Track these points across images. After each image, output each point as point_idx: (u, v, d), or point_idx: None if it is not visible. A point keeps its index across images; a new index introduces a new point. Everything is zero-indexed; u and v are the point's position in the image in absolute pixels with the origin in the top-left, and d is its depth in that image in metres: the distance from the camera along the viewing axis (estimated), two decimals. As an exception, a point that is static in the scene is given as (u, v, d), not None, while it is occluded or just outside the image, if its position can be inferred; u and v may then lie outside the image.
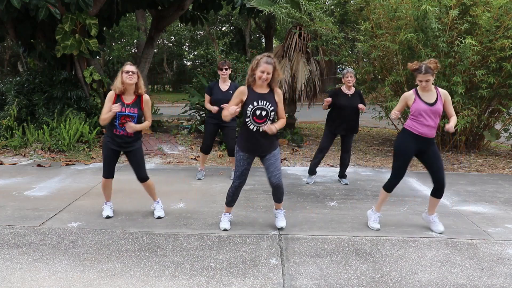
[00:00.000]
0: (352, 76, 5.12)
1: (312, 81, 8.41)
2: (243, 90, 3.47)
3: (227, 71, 5.30)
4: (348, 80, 5.11)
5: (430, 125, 3.60)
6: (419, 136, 3.64)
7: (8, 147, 7.43)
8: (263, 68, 3.34)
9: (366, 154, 7.51)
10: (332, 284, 2.87)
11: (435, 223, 3.84)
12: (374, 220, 3.89)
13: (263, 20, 22.58)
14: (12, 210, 4.29)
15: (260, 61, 3.36)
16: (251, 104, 3.40)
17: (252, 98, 3.42)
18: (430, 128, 3.61)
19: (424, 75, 3.49)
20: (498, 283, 2.92)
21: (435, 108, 3.57)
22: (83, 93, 8.54)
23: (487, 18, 6.25)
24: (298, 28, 8.59)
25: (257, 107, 3.40)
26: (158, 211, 4.14)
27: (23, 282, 2.85)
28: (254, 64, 3.40)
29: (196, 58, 29.78)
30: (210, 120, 5.42)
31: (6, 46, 21.68)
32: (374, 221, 3.88)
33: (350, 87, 5.19)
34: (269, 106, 3.41)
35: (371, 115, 8.28)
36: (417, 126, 3.63)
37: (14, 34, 8.57)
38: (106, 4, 8.48)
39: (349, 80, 5.11)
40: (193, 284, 2.86)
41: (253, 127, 3.45)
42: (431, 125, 3.60)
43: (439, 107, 3.59)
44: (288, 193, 4.94)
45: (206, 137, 5.50)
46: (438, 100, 3.60)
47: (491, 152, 7.77)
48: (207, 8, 10.49)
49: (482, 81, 6.51)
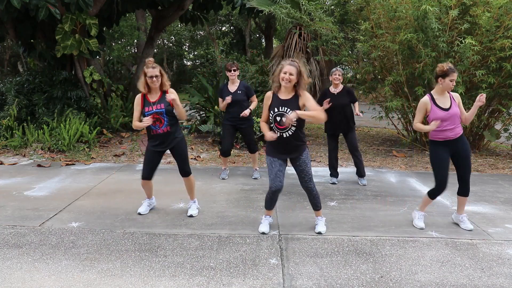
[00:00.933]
0: (339, 75, 5.13)
1: (312, 81, 8.41)
2: (269, 96, 3.50)
3: (235, 72, 5.35)
4: (334, 78, 5.13)
5: (451, 128, 3.66)
6: (446, 141, 3.70)
7: (8, 147, 7.43)
8: (285, 69, 3.33)
9: (366, 154, 7.51)
10: (332, 284, 2.87)
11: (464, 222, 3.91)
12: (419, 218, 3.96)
13: (263, 20, 22.57)
14: (12, 210, 4.29)
15: (284, 63, 3.37)
16: (272, 110, 3.42)
17: (274, 104, 3.43)
18: (451, 130, 3.66)
19: (456, 73, 3.59)
20: (498, 283, 2.92)
21: (452, 112, 3.63)
22: (83, 93, 8.54)
23: (487, 18, 6.25)
24: (298, 28, 8.59)
25: (278, 113, 3.40)
26: (193, 210, 4.19)
27: (23, 282, 2.86)
28: (278, 69, 3.40)
29: (196, 58, 29.76)
30: (226, 122, 5.48)
31: (6, 46, 21.67)
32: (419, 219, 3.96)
33: (337, 85, 5.20)
34: (290, 112, 3.34)
35: (371, 115, 8.27)
36: (441, 134, 3.68)
37: (14, 34, 8.57)
38: (106, 4, 8.48)
39: (335, 78, 5.12)
40: (193, 284, 2.86)
41: (277, 132, 3.44)
42: (452, 127, 3.66)
43: (455, 110, 3.65)
44: (288, 193, 4.94)
45: (225, 139, 5.52)
46: (452, 104, 3.67)
47: (491, 152, 7.77)
48: (207, 8, 10.49)
49: (482, 81, 6.51)
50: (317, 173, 5.72)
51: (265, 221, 3.82)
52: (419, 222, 3.91)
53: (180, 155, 4.04)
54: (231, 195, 4.89)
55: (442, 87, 3.64)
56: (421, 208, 3.99)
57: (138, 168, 6.14)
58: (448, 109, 3.64)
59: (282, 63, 3.40)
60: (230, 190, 5.10)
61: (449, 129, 3.65)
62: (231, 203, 4.61)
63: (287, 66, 3.33)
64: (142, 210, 4.21)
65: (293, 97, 3.41)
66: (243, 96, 5.36)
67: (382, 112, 8.19)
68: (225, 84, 5.54)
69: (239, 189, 5.16)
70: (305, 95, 3.40)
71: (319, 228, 3.76)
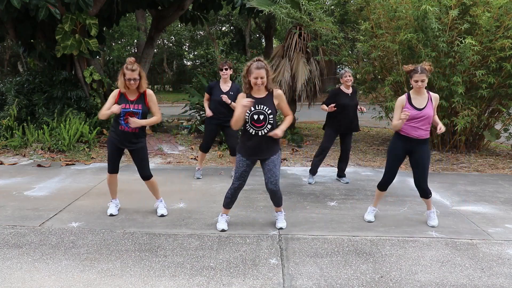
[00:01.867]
0: (350, 76, 5.22)
1: (312, 81, 8.41)
2: (242, 97, 3.49)
3: (228, 72, 5.29)
4: (347, 79, 5.19)
5: (417, 127, 3.71)
6: (406, 138, 3.77)
7: (8, 147, 7.43)
8: (255, 75, 3.36)
9: (366, 154, 7.51)
10: (332, 284, 2.87)
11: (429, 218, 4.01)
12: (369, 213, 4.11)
13: (263, 20, 22.57)
14: (12, 210, 4.29)
15: (250, 67, 3.37)
16: (249, 109, 3.42)
17: None
18: (416, 129, 3.71)
19: (420, 74, 3.61)
20: (498, 283, 2.92)
21: (423, 113, 3.67)
22: (83, 93, 8.54)
23: (487, 18, 6.25)
24: (298, 28, 8.59)
25: (255, 111, 3.43)
26: (161, 209, 4.16)
27: (23, 282, 2.85)
28: (245, 72, 3.42)
29: (196, 58, 29.76)
30: (211, 121, 5.41)
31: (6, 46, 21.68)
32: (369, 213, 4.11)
33: (349, 86, 5.24)
34: (267, 110, 3.44)
35: (371, 115, 8.27)
36: (405, 129, 3.75)
37: (14, 34, 8.57)
38: (106, 4, 8.48)
39: (348, 79, 5.19)
40: (193, 284, 2.86)
41: (252, 131, 3.48)
42: (417, 127, 3.71)
43: (427, 111, 3.68)
44: (288, 193, 4.94)
45: (206, 136, 5.50)
46: (428, 105, 3.70)
47: (491, 152, 7.77)
48: (207, 8, 10.49)
49: (482, 81, 6.51)
50: (318, 173, 5.71)
51: (221, 220, 3.84)
52: (368, 216, 4.07)
53: (138, 159, 4.00)
54: (231, 195, 4.89)
55: (412, 86, 3.71)
56: (374, 204, 4.13)
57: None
58: (421, 109, 3.68)
59: (249, 66, 3.39)
60: (230, 190, 5.09)
61: (414, 126, 3.70)
62: (231, 203, 4.61)
63: (256, 71, 3.35)
64: (113, 211, 4.15)
65: (267, 95, 3.50)
66: (233, 98, 5.34)
67: (382, 112, 8.19)
68: (216, 82, 5.48)
69: (239, 189, 5.16)
70: (280, 96, 3.53)
71: (279, 224, 3.84)
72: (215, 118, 5.35)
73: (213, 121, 5.39)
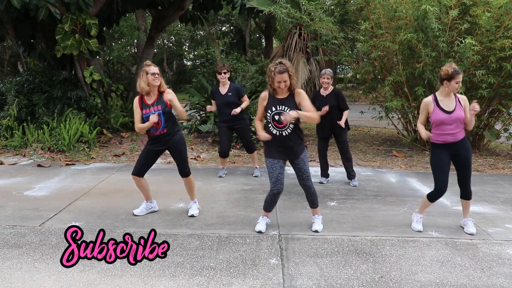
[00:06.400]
0: (328, 78, 5.13)
1: (312, 81, 8.42)
2: (264, 96, 3.54)
3: (226, 75, 5.40)
4: (323, 81, 5.15)
5: (452, 133, 3.58)
6: (445, 144, 3.63)
7: (8, 147, 7.43)
8: (278, 79, 3.37)
9: (366, 154, 7.51)
10: (332, 284, 2.87)
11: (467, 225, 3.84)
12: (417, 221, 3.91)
13: (263, 20, 22.56)
14: (12, 210, 4.29)
15: (274, 72, 3.37)
16: (270, 110, 3.47)
17: (271, 104, 3.49)
18: (451, 134, 3.58)
19: (461, 75, 3.48)
20: (498, 283, 2.92)
21: (454, 116, 3.54)
22: (83, 93, 8.54)
23: (487, 18, 6.25)
24: (298, 28, 8.60)
25: (276, 112, 3.45)
26: (194, 210, 4.20)
27: (23, 282, 2.86)
28: (269, 78, 3.42)
29: (196, 58, 29.78)
30: (222, 124, 5.55)
31: (6, 46, 21.66)
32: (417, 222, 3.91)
33: (326, 88, 5.21)
34: (288, 110, 3.41)
35: (371, 115, 8.27)
36: (439, 136, 3.62)
37: (14, 34, 8.57)
38: (106, 4, 8.48)
39: (324, 81, 5.14)
40: (193, 284, 2.86)
41: (275, 132, 3.49)
42: (453, 132, 3.58)
43: (458, 113, 3.55)
44: (288, 193, 4.94)
45: (223, 141, 5.58)
46: (457, 107, 3.57)
47: (491, 152, 7.77)
48: (207, 8, 10.49)
49: (482, 81, 6.51)
50: (317, 173, 5.71)
51: (262, 221, 3.83)
52: (417, 225, 3.87)
53: (177, 155, 4.04)
54: (231, 195, 4.89)
55: (448, 89, 3.54)
56: (420, 211, 3.94)
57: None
58: (451, 112, 3.54)
59: (273, 71, 3.37)
60: (230, 190, 5.10)
61: (449, 133, 3.57)
62: (231, 203, 4.61)
63: (278, 75, 3.35)
64: (137, 211, 4.19)
65: (289, 95, 3.49)
66: (233, 98, 5.41)
67: (382, 112, 8.19)
68: (216, 86, 5.61)
69: (239, 189, 5.16)
70: (301, 94, 3.48)
71: (315, 227, 3.79)
72: (225, 121, 5.50)
73: (223, 124, 5.54)
